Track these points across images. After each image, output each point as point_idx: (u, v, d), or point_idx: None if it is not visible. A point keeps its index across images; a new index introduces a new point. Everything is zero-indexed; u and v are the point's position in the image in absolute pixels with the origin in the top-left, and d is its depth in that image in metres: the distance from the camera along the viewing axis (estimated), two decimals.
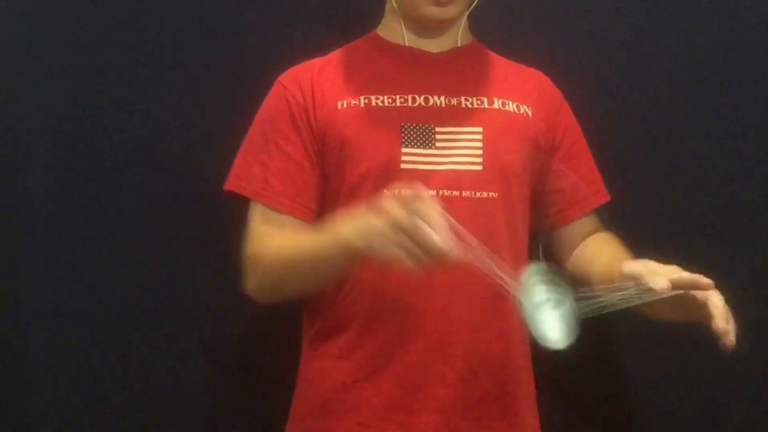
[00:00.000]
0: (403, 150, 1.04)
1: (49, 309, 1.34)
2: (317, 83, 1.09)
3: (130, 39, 1.35)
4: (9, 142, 1.34)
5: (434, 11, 1.06)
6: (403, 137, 1.05)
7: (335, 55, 1.15)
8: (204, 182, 1.33)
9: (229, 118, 1.30)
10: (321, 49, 1.16)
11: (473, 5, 1.13)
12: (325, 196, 1.08)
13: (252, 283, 1.06)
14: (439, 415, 1.02)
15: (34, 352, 1.34)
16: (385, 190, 1.02)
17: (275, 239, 1.05)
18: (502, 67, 1.17)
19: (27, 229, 1.34)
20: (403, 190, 1.01)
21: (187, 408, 1.36)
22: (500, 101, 1.10)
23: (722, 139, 1.33)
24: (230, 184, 1.10)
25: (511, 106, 1.10)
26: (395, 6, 1.11)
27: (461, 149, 1.05)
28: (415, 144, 1.05)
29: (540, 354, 1.11)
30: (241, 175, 1.09)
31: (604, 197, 1.18)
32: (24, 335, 1.34)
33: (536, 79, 1.17)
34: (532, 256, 1.11)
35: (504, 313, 1.04)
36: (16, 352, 1.34)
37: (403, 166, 1.03)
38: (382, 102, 1.07)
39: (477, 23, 1.18)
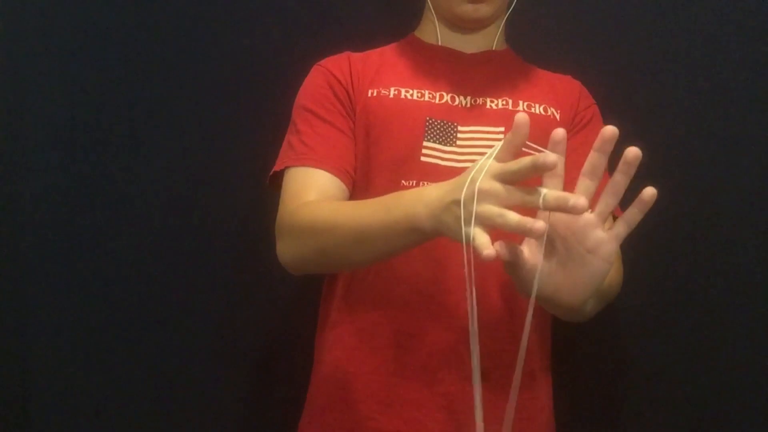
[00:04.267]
0: (425, 143, 1.05)
1: (53, 310, 1.35)
2: (354, 70, 1.12)
3: (134, 37, 1.36)
4: (9, 142, 1.35)
5: (468, 9, 1.08)
6: (426, 131, 1.06)
7: (372, 52, 1.18)
8: (208, 180, 1.36)
9: (237, 119, 1.34)
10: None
11: (510, 9, 1.15)
12: None
13: (290, 251, 0.99)
14: (446, 413, 1.00)
15: (38, 353, 1.35)
16: (402, 181, 1.03)
17: (324, 206, 0.98)
18: (532, 73, 1.18)
19: (29, 229, 1.35)
20: (423, 183, 1.02)
21: (199, 405, 1.36)
22: (525, 104, 1.10)
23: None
24: (275, 167, 1.08)
25: (537, 109, 1.10)
26: (431, 7, 1.14)
27: (482, 148, 1.05)
28: (437, 139, 1.06)
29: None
30: (283, 156, 1.08)
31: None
32: (27, 337, 1.35)
33: (567, 84, 1.17)
34: None
35: (517, 315, 1.03)
36: (20, 353, 1.35)
37: (423, 158, 1.04)
38: (411, 95, 1.09)
39: (514, 36, 1.20)
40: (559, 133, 0.77)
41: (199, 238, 1.37)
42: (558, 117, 1.11)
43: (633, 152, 0.75)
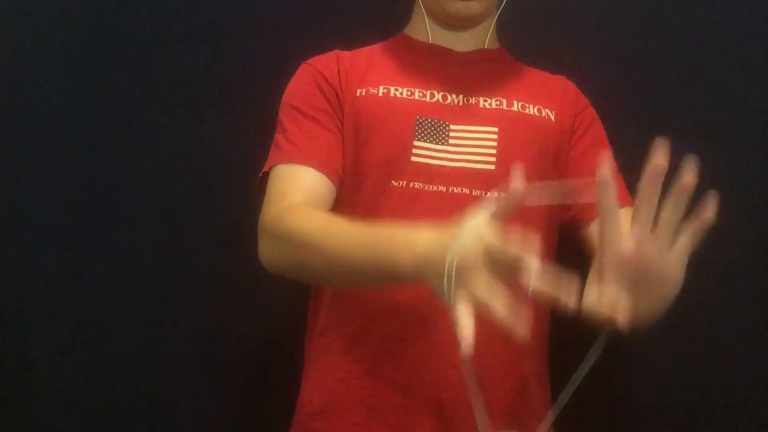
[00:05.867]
0: (415, 143, 1.03)
1: (52, 310, 1.34)
2: (342, 69, 1.10)
3: (139, 38, 1.36)
4: (9, 142, 1.34)
5: (459, 6, 1.07)
6: (417, 130, 1.04)
7: (362, 50, 1.16)
8: (207, 181, 1.35)
9: (237, 118, 1.33)
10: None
11: (501, 7, 1.14)
12: None
13: (269, 256, 0.97)
14: (437, 421, 0.98)
15: (37, 353, 1.34)
16: (392, 181, 1.01)
17: (309, 219, 0.94)
18: (526, 73, 1.16)
19: (29, 229, 1.34)
20: (414, 183, 1.01)
21: (189, 411, 1.35)
22: (520, 104, 1.08)
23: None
24: (264, 169, 1.07)
25: (531, 110, 1.09)
26: (421, 4, 1.13)
27: (475, 148, 1.04)
28: (428, 138, 1.04)
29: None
30: (270, 158, 1.08)
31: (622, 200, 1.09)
32: (27, 337, 1.34)
33: (561, 85, 1.16)
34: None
35: None
36: (20, 354, 1.34)
37: (413, 158, 1.02)
38: (401, 93, 1.07)
39: (507, 35, 1.18)
40: (604, 175, 0.71)
41: (193, 239, 1.36)
42: (553, 118, 1.09)
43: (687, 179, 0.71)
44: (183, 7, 1.35)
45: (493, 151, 1.03)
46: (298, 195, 0.99)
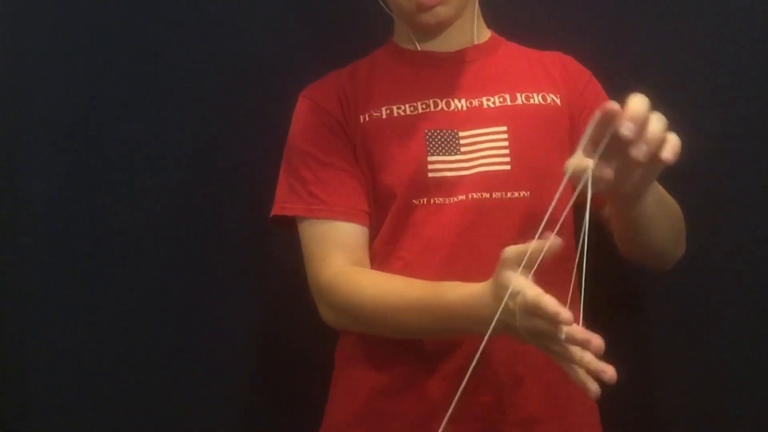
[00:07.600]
0: (430, 158, 1.02)
1: (52, 310, 1.34)
2: (343, 97, 1.09)
3: (139, 38, 1.35)
4: (9, 142, 1.34)
5: (426, 17, 1.05)
6: (428, 145, 1.03)
7: (356, 66, 1.14)
8: (210, 179, 1.35)
9: (235, 123, 1.34)
10: (344, 59, 1.16)
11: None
12: None
13: (333, 322, 1.04)
14: (483, 422, 1.00)
15: (38, 354, 1.35)
16: (413, 200, 1.02)
17: (362, 288, 0.98)
18: (524, 58, 1.13)
19: (29, 229, 1.34)
20: (435, 199, 1.01)
21: (213, 416, 1.36)
22: (524, 96, 1.07)
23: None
24: (276, 210, 1.08)
25: (536, 99, 1.07)
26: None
27: (487, 150, 1.03)
28: (441, 151, 1.03)
29: None
30: (285, 199, 1.08)
31: None
32: (27, 337, 1.34)
33: (560, 63, 1.13)
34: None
35: None
36: (20, 353, 1.34)
37: (430, 174, 1.02)
38: (404, 111, 1.06)
39: (494, 17, 1.16)
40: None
41: (205, 239, 1.36)
42: (559, 102, 1.08)
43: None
44: (181, 8, 1.35)
45: (506, 151, 1.03)
46: (337, 253, 1.02)
